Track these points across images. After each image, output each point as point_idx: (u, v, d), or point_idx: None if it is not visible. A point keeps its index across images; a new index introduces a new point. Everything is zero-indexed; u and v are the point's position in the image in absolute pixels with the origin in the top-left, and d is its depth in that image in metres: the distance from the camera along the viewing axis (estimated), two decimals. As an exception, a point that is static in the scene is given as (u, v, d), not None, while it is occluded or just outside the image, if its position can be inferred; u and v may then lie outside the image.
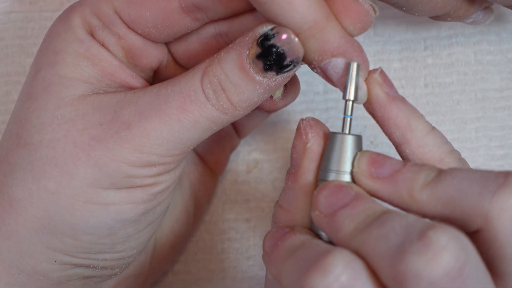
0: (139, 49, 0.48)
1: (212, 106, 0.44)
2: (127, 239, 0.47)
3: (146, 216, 0.46)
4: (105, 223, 0.45)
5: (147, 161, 0.44)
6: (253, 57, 0.43)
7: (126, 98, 0.45)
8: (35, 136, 0.45)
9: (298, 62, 0.43)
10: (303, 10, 0.43)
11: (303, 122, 0.45)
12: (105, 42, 0.47)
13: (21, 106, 0.47)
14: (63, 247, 0.46)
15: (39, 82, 0.46)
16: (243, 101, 0.44)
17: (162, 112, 0.44)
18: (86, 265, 0.47)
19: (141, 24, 0.47)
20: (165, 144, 0.44)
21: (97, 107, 0.45)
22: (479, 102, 0.57)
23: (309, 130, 0.45)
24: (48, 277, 0.47)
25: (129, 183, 0.45)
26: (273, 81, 0.44)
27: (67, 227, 0.45)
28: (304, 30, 0.43)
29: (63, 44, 0.46)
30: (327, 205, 0.42)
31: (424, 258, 0.37)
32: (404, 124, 0.44)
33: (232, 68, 0.44)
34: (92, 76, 0.46)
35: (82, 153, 0.44)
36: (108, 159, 0.44)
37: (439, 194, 0.41)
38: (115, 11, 0.46)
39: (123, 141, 0.44)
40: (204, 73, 0.44)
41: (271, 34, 0.43)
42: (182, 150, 0.45)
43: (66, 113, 0.45)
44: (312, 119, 0.45)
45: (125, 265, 0.49)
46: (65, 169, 0.44)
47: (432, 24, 0.57)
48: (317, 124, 0.45)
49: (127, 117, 0.44)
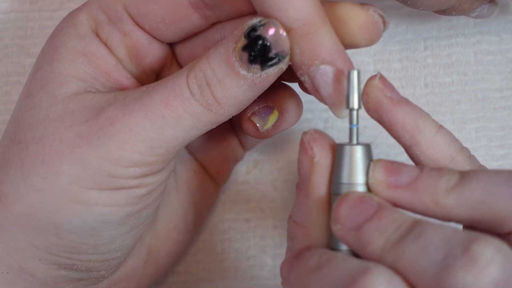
0: (144, 47, 0.47)
1: (196, 102, 0.43)
2: (111, 241, 0.46)
3: (131, 219, 0.46)
4: (88, 223, 0.45)
5: (130, 160, 0.44)
6: (239, 50, 0.43)
7: (115, 96, 0.45)
8: (28, 134, 0.45)
9: (283, 56, 0.43)
10: (299, 5, 0.42)
11: (306, 136, 0.43)
12: (109, 38, 0.47)
13: (20, 104, 0.47)
14: (47, 245, 0.45)
15: (37, 80, 0.46)
16: (227, 97, 0.43)
17: (145, 107, 0.43)
18: (70, 265, 0.47)
19: (150, 18, 0.46)
20: (148, 141, 0.44)
21: (87, 104, 0.45)
22: (479, 102, 0.57)
23: (313, 144, 0.43)
24: (35, 276, 0.46)
25: (113, 183, 0.44)
26: (257, 77, 0.43)
27: (51, 225, 0.45)
28: (296, 27, 0.43)
29: (63, 40, 0.46)
30: (350, 218, 0.41)
31: (472, 273, 0.37)
32: (412, 127, 0.43)
33: (219, 62, 0.43)
34: (87, 73, 0.46)
35: (67, 149, 0.44)
36: (91, 157, 0.44)
37: (466, 198, 0.40)
38: (124, 6, 0.46)
39: (106, 137, 0.44)
40: (191, 69, 0.44)
41: (259, 25, 0.42)
42: (166, 150, 0.44)
43: (57, 110, 0.45)
44: (314, 132, 0.44)
45: (110, 267, 0.48)
46: (51, 165, 0.44)
47: (432, 24, 0.57)
48: (320, 136, 0.43)
49: (112, 112, 0.44)
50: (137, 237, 0.48)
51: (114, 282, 0.50)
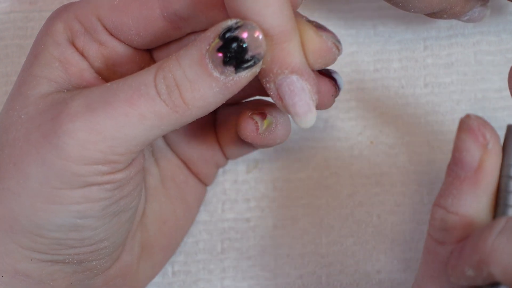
0: (120, 56, 0.47)
1: (162, 102, 0.43)
2: (94, 233, 0.46)
3: (109, 209, 0.46)
4: (67, 221, 0.45)
5: (92, 159, 0.43)
6: (213, 51, 0.42)
7: (80, 92, 0.44)
8: (3, 136, 0.45)
9: (259, 59, 0.42)
10: (277, 11, 0.42)
11: (474, 122, 0.43)
12: (85, 48, 0.47)
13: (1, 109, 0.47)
14: (34, 245, 0.45)
15: (16, 83, 0.47)
16: (197, 99, 0.43)
17: (108, 104, 0.43)
18: (61, 260, 0.47)
19: (124, 31, 0.47)
20: (109, 140, 0.43)
21: (55, 102, 0.44)
22: (479, 102, 0.57)
23: (485, 130, 0.43)
24: (30, 276, 0.46)
25: (80, 182, 0.44)
26: (230, 80, 0.42)
27: (33, 226, 0.45)
28: (273, 33, 0.42)
29: (42, 47, 0.47)
30: None
31: None
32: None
33: (190, 63, 0.42)
34: (60, 76, 0.46)
35: (33, 150, 0.44)
36: (53, 157, 0.43)
37: None
38: (98, 18, 0.46)
39: (66, 136, 0.43)
40: (159, 68, 0.43)
41: (235, 27, 0.42)
42: (128, 149, 0.44)
43: (28, 111, 0.45)
44: (479, 117, 0.43)
45: (101, 257, 0.48)
46: (21, 167, 0.44)
47: (431, 24, 0.57)
48: (487, 122, 0.43)
49: (74, 108, 0.43)
50: (120, 224, 0.47)
51: (110, 278, 0.50)
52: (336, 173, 0.56)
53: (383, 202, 0.56)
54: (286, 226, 0.56)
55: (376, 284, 0.55)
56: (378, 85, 0.57)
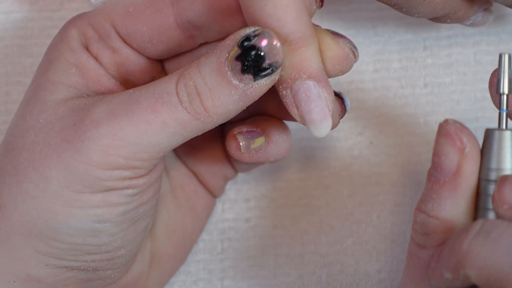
0: (133, 63, 0.48)
1: (184, 110, 0.43)
2: (112, 239, 0.46)
3: (128, 215, 0.46)
4: (86, 225, 0.45)
5: (114, 164, 0.44)
6: (232, 59, 0.42)
7: (103, 98, 0.45)
8: (20, 141, 0.45)
9: (277, 67, 0.42)
10: (297, 17, 0.42)
11: (451, 127, 0.43)
12: (98, 54, 0.47)
13: (16, 114, 0.47)
14: (51, 250, 0.45)
15: (31, 89, 0.47)
16: (217, 107, 0.43)
17: (131, 112, 0.43)
18: (77, 267, 0.47)
19: (137, 38, 0.47)
20: (132, 146, 0.43)
21: (75, 108, 0.45)
22: (479, 102, 0.57)
23: (462, 134, 0.43)
24: (42, 282, 0.46)
25: (102, 186, 0.44)
26: (249, 87, 0.43)
27: (51, 230, 0.45)
28: (292, 38, 0.42)
29: (57, 54, 0.47)
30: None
31: None
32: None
33: (210, 71, 0.43)
34: (78, 82, 0.46)
35: (54, 154, 0.44)
36: (76, 162, 0.44)
37: None
38: (112, 24, 0.47)
39: (90, 141, 0.43)
40: (181, 76, 0.44)
41: (253, 35, 0.42)
42: (150, 155, 0.44)
43: (47, 116, 0.45)
44: (457, 122, 0.43)
45: (116, 266, 0.48)
46: (41, 171, 0.44)
47: (431, 24, 0.57)
48: (464, 126, 0.43)
49: (97, 115, 0.44)
50: (138, 232, 0.48)
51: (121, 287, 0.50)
52: (336, 173, 0.56)
53: (383, 202, 0.56)
54: (286, 226, 0.56)
55: (376, 284, 0.55)
56: (378, 85, 0.57)
